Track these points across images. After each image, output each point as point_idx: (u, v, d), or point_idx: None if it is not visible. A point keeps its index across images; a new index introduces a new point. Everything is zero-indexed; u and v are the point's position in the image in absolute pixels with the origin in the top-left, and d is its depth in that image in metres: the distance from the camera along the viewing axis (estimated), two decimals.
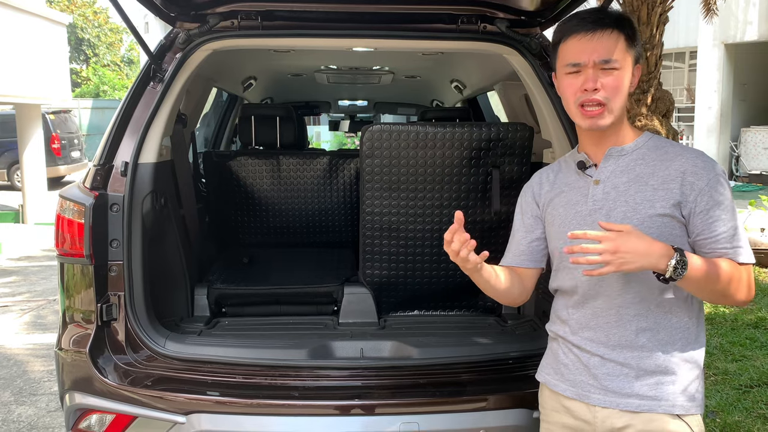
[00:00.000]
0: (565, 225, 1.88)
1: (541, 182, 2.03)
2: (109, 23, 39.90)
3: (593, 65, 1.76)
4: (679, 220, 1.75)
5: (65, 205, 2.55)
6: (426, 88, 5.94)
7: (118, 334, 2.53)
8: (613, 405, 1.81)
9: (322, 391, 2.42)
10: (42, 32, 12.02)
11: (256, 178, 3.93)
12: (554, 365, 1.96)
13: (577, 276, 1.85)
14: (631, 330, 1.79)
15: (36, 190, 12.51)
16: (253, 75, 4.91)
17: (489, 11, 2.79)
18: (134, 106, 2.67)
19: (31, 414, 4.24)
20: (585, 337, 1.85)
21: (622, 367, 1.80)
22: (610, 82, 1.76)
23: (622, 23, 1.79)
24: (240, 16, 2.74)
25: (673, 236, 1.74)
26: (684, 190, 1.73)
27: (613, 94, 1.76)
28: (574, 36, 1.79)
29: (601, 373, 1.82)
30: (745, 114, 17.03)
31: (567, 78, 1.82)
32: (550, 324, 2.00)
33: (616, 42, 1.76)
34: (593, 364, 1.83)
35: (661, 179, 1.76)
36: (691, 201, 1.73)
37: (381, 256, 3.05)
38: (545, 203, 1.98)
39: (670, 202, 1.74)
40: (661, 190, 1.75)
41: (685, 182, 1.74)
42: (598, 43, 1.76)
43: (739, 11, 15.73)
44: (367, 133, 2.90)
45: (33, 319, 6.39)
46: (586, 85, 1.77)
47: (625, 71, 1.78)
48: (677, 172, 1.75)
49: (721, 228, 1.72)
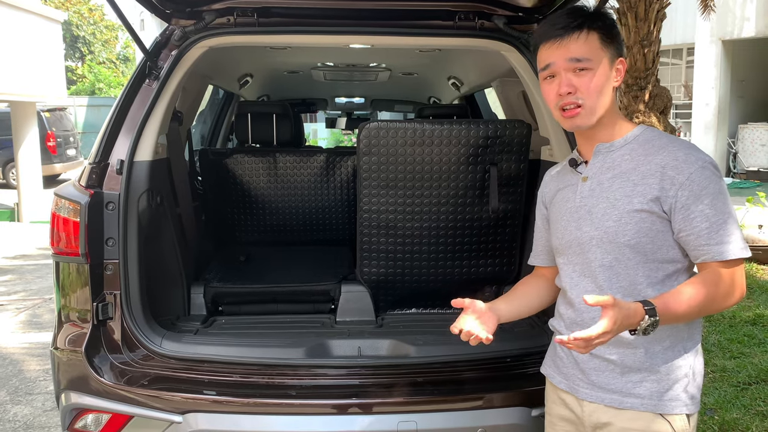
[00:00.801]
0: (558, 222, 1.92)
1: (546, 182, 2.06)
2: (105, 20, 39.80)
3: (564, 69, 1.76)
4: (660, 216, 1.71)
5: (60, 203, 2.53)
6: (423, 85, 5.93)
7: (114, 333, 2.52)
8: (598, 400, 1.82)
9: (319, 390, 2.41)
10: (37, 29, 11.99)
11: (253, 175, 3.91)
12: (553, 358, 2.00)
13: (565, 277, 1.89)
14: None
15: (31, 188, 12.48)
16: (250, 72, 4.89)
17: (487, 8, 2.78)
18: (130, 104, 2.65)
19: (27, 413, 4.23)
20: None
21: (608, 363, 1.81)
22: (584, 83, 1.75)
23: (593, 20, 1.77)
24: (236, 12, 2.72)
25: (653, 232, 1.72)
26: (663, 184, 1.70)
27: (588, 94, 1.75)
28: (545, 43, 1.80)
29: (588, 368, 1.84)
30: (743, 111, 17.04)
31: (545, 84, 1.83)
32: (552, 318, 2.03)
33: (586, 42, 1.75)
34: (582, 358, 1.85)
35: (641, 174, 1.74)
36: (671, 196, 1.69)
37: (378, 254, 3.04)
38: (549, 202, 2.02)
39: (647, 197, 1.71)
40: (641, 185, 1.73)
41: (665, 176, 1.70)
42: (566, 48, 1.75)
43: (737, 7, 15.72)
44: (365, 131, 2.88)
45: (28, 318, 6.37)
46: (560, 90, 1.77)
47: (600, 69, 1.75)
48: (657, 167, 1.72)
49: (702, 224, 1.66)
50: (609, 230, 1.76)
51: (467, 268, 3.07)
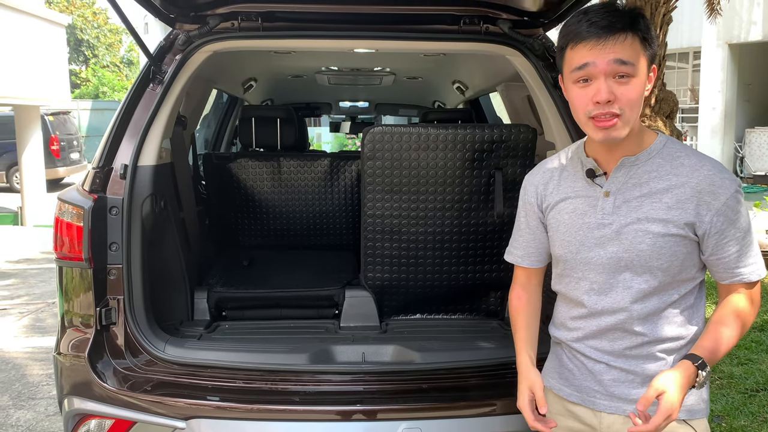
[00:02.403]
0: (571, 234, 1.80)
1: (546, 183, 1.88)
2: (109, 24, 39.92)
3: (606, 73, 1.59)
4: (692, 239, 1.68)
5: (64, 208, 2.52)
6: (427, 90, 5.92)
7: (118, 338, 2.51)
8: (619, 411, 1.78)
9: (323, 396, 2.40)
10: (41, 33, 12.00)
11: (257, 180, 3.90)
12: (558, 369, 1.93)
13: (583, 294, 1.80)
14: (636, 341, 1.76)
15: (35, 192, 12.48)
16: (254, 76, 4.88)
17: (491, 12, 2.76)
18: (134, 108, 2.65)
19: (30, 418, 4.21)
20: (590, 346, 1.82)
21: (627, 374, 1.77)
22: (625, 93, 1.59)
23: (636, 23, 1.60)
24: (240, 17, 2.71)
25: (682, 254, 1.69)
26: (699, 210, 1.65)
27: (629, 105, 1.59)
28: (583, 42, 1.60)
29: (606, 379, 1.80)
30: (750, 115, 16.99)
31: (575, 88, 1.65)
32: (554, 328, 1.95)
33: (630, 47, 1.58)
34: (598, 370, 1.81)
35: (675, 198, 1.67)
36: (707, 222, 1.65)
37: (383, 259, 3.02)
38: (549, 206, 1.87)
39: (683, 222, 1.66)
40: (676, 209, 1.66)
41: (702, 202, 1.65)
42: (610, 51, 1.57)
43: (743, 11, 15.69)
44: (369, 135, 2.87)
45: (32, 322, 6.36)
46: (598, 97, 1.59)
47: (641, 78, 1.61)
48: (693, 191, 1.65)
49: (733, 248, 1.67)
50: (642, 254, 1.69)
51: (472, 273, 3.06)
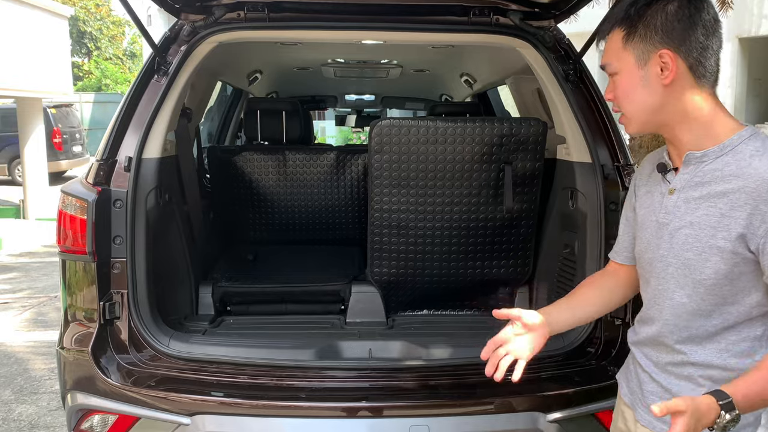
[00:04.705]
0: (641, 231, 1.70)
1: (641, 174, 1.78)
2: (112, 16, 39.80)
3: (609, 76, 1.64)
4: (745, 256, 1.45)
5: (67, 200, 2.50)
6: (435, 82, 5.88)
7: (121, 333, 2.49)
8: (650, 426, 1.69)
9: (329, 393, 2.38)
10: (43, 25, 11.97)
11: (262, 173, 3.88)
12: (625, 367, 1.86)
13: (643, 298, 1.71)
14: (676, 358, 1.63)
15: (37, 185, 12.46)
16: (259, 68, 4.85)
17: (502, 3, 2.72)
18: (138, 100, 2.62)
19: (32, 413, 4.20)
20: (643, 353, 1.74)
21: (664, 391, 1.65)
22: (616, 90, 1.62)
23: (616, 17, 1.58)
24: (246, 7, 2.68)
25: (734, 274, 1.47)
26: (752, 220, 1.43)
27: (619, 102, 1.61)
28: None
29: (647, 390, 1.70)
30: (759, 110, 16.86)
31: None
32: (632, 327, 1.85)
33: (609, 45, 1.60)
34: (643, 379, 1.72)
35: (730, 203, 1.46)
36: (760, 236, 1.42)
37: (390, 254, 2.99)
38: (637, 199, 1.76)
39: (733, 233, 1.45)
40: (728, 217, 1.46)
41: (756, 211, 1.42)
42: (603, 53, 1.64)
43: (754, 5, 15.55)
44: (376, 128, 2.84)
45: (34, 316, 6.35)
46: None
47: (625, 73, 1.57)
48: (749, 197, 1.43)
49: None
50: (688, 262, 1.53)
51: (480, 268, 3.03)
